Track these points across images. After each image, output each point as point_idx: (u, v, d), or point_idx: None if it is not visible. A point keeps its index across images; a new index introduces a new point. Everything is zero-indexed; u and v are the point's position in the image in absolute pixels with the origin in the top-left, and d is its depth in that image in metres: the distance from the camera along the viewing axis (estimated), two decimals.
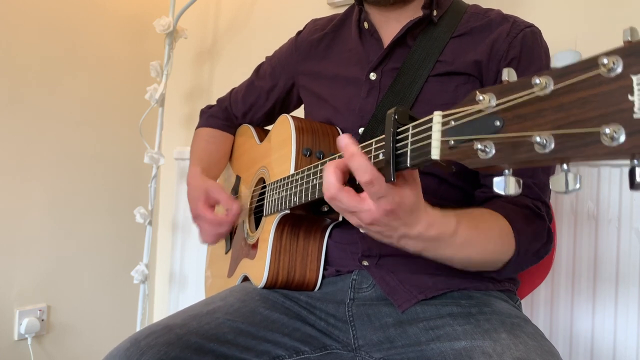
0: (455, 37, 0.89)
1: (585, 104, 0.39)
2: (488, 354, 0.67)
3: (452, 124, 0.50)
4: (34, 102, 1.62)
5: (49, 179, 1.66)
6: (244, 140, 1.19)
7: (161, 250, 2.00)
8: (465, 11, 0.92)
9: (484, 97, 0.46)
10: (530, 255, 0.80)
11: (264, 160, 1.05)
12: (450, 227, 0.66)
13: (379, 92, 0.91)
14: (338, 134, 0.94)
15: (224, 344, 0.80)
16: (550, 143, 0.41)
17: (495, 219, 0.77)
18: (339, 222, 0.91)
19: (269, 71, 1.14)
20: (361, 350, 0.84)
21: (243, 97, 1.18)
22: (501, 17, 0.90)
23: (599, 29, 1.20)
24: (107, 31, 1.80)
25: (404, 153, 0.56)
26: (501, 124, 0.45)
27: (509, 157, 0.44)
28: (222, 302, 0.89)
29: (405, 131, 0.56)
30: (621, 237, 1.14)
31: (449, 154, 0.50)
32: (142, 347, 0.75)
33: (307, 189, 0.78)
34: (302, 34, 1.10)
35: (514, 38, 0.85)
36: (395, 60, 0.91)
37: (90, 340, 1.77)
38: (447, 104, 0.85)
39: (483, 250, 0.74)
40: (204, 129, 1.23)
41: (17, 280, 1.59)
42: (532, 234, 0.79)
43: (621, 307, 1.14)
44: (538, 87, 0.42)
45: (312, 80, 1.04)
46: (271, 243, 0.90)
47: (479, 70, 0.86)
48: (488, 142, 0.45)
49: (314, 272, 0.91)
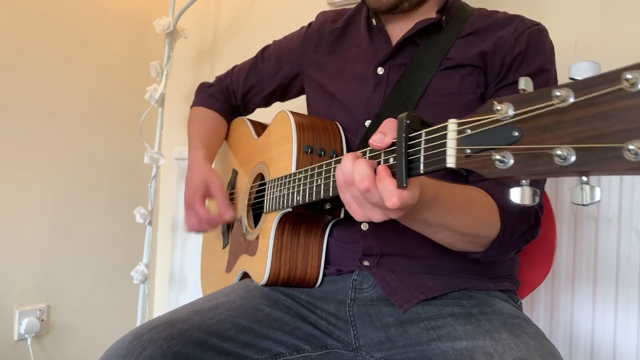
0: (461, 37, 0.90)
1: (607, 117, 0.38)
2: (489, 354, 0.67)
3: (468, 132, 0.49)
4: (34, 102, 1.61)
5: (49, 179, 1.66)
6: (241, 134, 1.19)
7: (161, 250, 2.00)
8: (471, 14, 0.93)
9: (501, 107, 0.46)
10: (516, 237, 0.79)
11: (262, 155, 1.04)
12: (430, 192, 0.65)
13: (385, 86, 0.91)
14: (339, 130, 0.94)
15: (225, 339, 0.80)
16: (571, 156, 0.40)
17: (481, 194, 0.77)
18: (339, 220, 0.91)
19: (275, 55, 1.14)
20: (362, 350, 0.84)
21: (245, 77, 1.18)
22: (508, 17, 0.91)
23: (599, 29, 1.20)
24: (107, 31, 1.80)
25: (417, 159, 0.55)
26: (519, 134, 0.44)
27: (528, 168, 0.44)
28: (224, 298, 0.89)
29: (417, 137, 0.55)
30: (621, 237, 1.14)
31: (464, 163, 0.49)
32: (145, 341, 0.75)
33: (310, 188, 0.78)
34: (312, 25, 1.11)
35: (521, 34, 0.86)
36: (404, 56, 0.92)
37: (90, 340, 1.77)
38: (452, 94, 0.87)
39: (465, 219, 0.73)
40: (201, 109, 1.22)
41: (17, 280, 1.59)
42: (519, 214, 0.78)
43: (621, 307, 1.14)
44: (558, 99, 0.41)
45: (318, 72, 1.04)
46: (272, 240, 0.90)
47: (483, 61, 0.86)
48: (506, 153, 0.45)
49: (315, 269, 0.91)
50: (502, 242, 0.78)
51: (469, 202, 0.75)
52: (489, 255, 0.79)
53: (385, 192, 0.56)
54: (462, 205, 0.73)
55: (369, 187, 0.57)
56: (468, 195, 0.75)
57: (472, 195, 0.77)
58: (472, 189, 0.78)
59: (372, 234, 0.88)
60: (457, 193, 0.72)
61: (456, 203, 0.71)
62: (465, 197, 0.74)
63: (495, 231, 0.76)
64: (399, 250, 0.87)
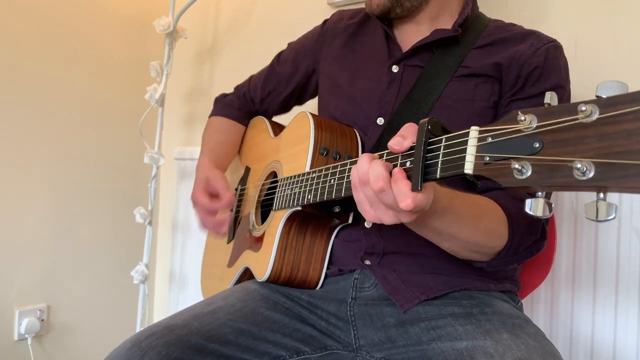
0: (476, 48, 0.91)
1: (631, 136, 0.39)
2: (490, 354, 0.67)
3: (488, 140, 0.49)
4: (34, 102, 1.61)
5: (49, 179, 1.66)
6: (257, 133, 1.19)
7: (161, 250, 2.00)
8: (487, 25, 0.94)
9: (525, 118, 0.46)
10: (522, 249, 0.80)
11: (277, 154, 1.05)
12: (443, 200, 0.66)
13: (399, 85, 0.92)
14: (356, 136, 0.94)
15: (225, 344, 0.80)
16: (590, 171, 0.40)
17: (491, 204, 0.78)
18: (347, 223, 0.91)
19: (292, 56, 1.15)
20: (362, 350, 0.84)
21: (263, 83, 1.19)
22: (524, 31, 0.92)
23: (599, 28, 1.20)
24: (107, 31, 1.80)
25: (434, 164, 0.55)
26: (540, 145, 0.44)
27: (546, 180, 0.44)
28: (223, 302, 0.89)
29: (437, 142, 0.56)
30: (621, 237, 1.14)
31: (482, 170, 0.50)
32: (143, 347, 0.75)
33: (323, 187, 0.78)
34: (328, 22, 1.11)
35: (538, 49, 0.86)
36: (418, 59, 0.93)
37: (90, 340, 1.77)
38: (466, 100, 0.87)
39: (474, 229, 0.74)
40: (217, 118, 1.24)
41: (17, 280, 1.59)
42: (526, 226, 0.79)
43: (621, 307, 1.14)
44: (583, 114, 0.41)
45: (332, 66, 1.04)
46: (278, 238, 0.90)
47: (499, 72, 0.87)
48: (525, 163, 0.45)
49: (317, 271, 0.91)
50: (508, 254, 0.78)
51: (479, 212, 0.75)
52: (493, 265, 0.80)
53: (399, 194, 0.56)
54: (473, 214, 0.73)
55: (384, 188, 0.58)
56: (478, 205, 0.76)
57: (482, 204, 0.77)
58: (482, 199, 0.78)
59: (375, 232, 0.88)
60: (468, 202, 0.73)
61: (467, 212, 0.72)
62: (476, 206, 0.75)
63: (502, 242, 0.77)
64: (401, 248, 0.87)
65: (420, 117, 0.86)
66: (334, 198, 0.75)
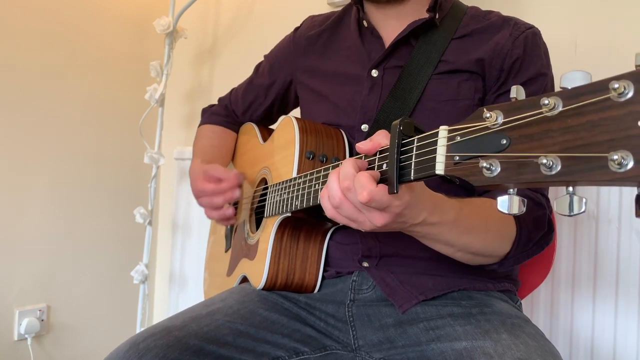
0: (456, 38, 0.89)
1: (593, 127, 0.38)
2: (489, 354, 0.67)
3: (457, 139, 0.49)
4: (34, 102, 1.62)
5: (49, 178, 1.66)
6: (248, 139, 1.19)
7: (161, 250, 2.00)
8: (465, 13, 0.92)
9: (491, 115, 0.45)
10: (531, 244, 0.80)
11: (266, 160, 1.04)
12: (452, 213, 0.67)
13: (381, 89, 0.91)
14: (342, 137, 0.93)
15: (223, 345, 0.80)
16: (556, 165, 0.40)
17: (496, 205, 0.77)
18: (340, 225, 0.91)
19: (267, 68, 1.14)
20: (361, 351, 0.84)
21: (243, 95, 1.19)
22: (502, 19, 0.90)
23: (599, 29, 1.20)
24: (107, 31, 1.80)
25: (408, 165, 0.55)
26: (507, 142, 0.44)
27: (514, 177, 0.43)
28: (221, 304, 0.89)
29: (410, 143, 0.56)
30: (621, 237, 1.14)
31: (453, 170, 0.49)
32: (141, 349, 0.75)
33: (309, 193, 0.77)
34: (299, 30, 1.10)
35: (517, 38, 0.85)
36: (398, 58, 0.91)
37: (90, 340, 1.77)
38: (449, 100, 0.86)
39: (484, 236, 0.74)
40: (206, 126, 1.24)
41: (17, 280, 1.59)
42: (533, 222, 0.79)
43: (621, 307, 1.14)
44: (546, 108, 0.41)
45: (310, 76, 1.03)
46: (271, 245, 0.89)
47: (482, 68, 0.86)
48: (494, 160, 0.45)
49: (313, 275, 0.91)
50: (517, 252, 0.78)
51: (488, 216, 0.75)
52: (505, 265, 0.80)
53: (358, 186, 0.56)
54: (482, 218, 0.73)
55: (349, 186, 0.58)
56: (485, 208, 0.75)
57: (488, 207, 0.77)
58: (487, 201, 0.78)
59: (371, 235, 0.88)
60: (476, 209, 0.73)
61: (477, 220, 0.72)
62: (483, 209, 0.74)
63: (511, 242, 0.77)
64: (398, 251, 0.87)
65: (404, 115, 0.86)
66: (319, 203, 0.75)
